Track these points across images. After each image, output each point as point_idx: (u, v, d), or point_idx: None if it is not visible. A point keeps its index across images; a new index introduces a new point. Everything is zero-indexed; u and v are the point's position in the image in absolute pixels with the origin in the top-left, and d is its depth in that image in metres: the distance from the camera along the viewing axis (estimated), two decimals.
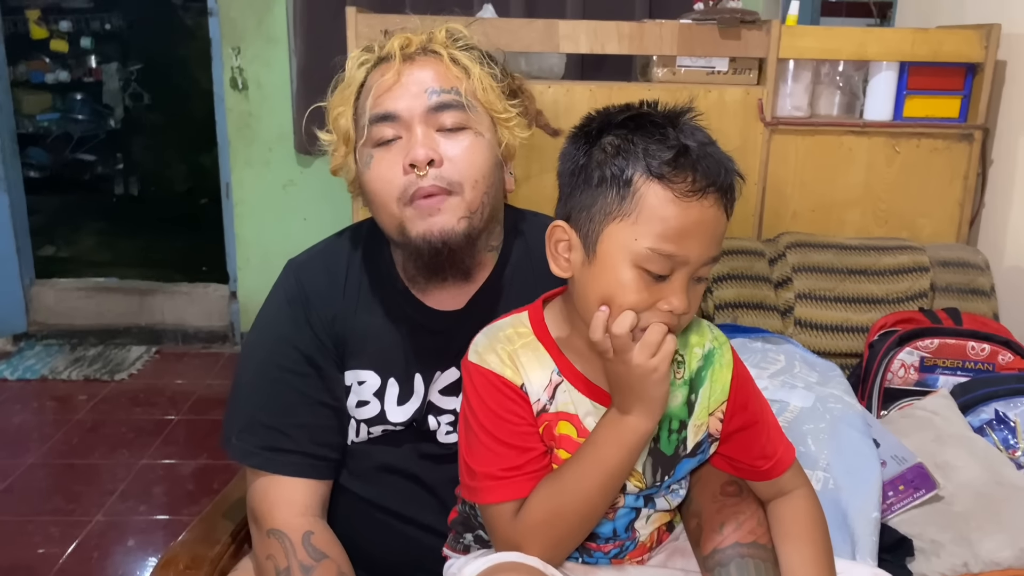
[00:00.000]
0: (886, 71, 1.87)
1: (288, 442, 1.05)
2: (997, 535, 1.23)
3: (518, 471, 0.86)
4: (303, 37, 3.00)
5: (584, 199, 0.83)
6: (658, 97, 0.90)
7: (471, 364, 0.90)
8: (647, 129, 0.81)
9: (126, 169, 5.71)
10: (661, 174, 0.78)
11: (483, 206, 1.01)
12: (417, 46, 1.03)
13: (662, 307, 0.80)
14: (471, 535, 0.99)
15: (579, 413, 0.88)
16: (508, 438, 0.86)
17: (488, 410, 0.87)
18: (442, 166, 0.98)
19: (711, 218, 0.80)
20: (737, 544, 0.91)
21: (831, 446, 1.34)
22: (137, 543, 2.18)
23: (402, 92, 1.00)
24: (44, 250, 4.13)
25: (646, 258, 0.79)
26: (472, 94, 1.02)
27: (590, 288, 0.83)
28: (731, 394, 0.92)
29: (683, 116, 0.84)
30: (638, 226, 0.79)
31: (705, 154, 0.80)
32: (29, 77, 5.13)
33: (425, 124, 0.99)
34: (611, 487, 0.86)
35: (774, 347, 1.61)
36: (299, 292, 1.08)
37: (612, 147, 0.82)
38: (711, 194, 0.79)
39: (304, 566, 1.00)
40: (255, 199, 3.33)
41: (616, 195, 0.80)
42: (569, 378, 0.88)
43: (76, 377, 3.17)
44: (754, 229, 1.91)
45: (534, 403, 0.88)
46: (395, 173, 0.99)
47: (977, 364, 1.60)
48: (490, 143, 1.03)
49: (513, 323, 0.92)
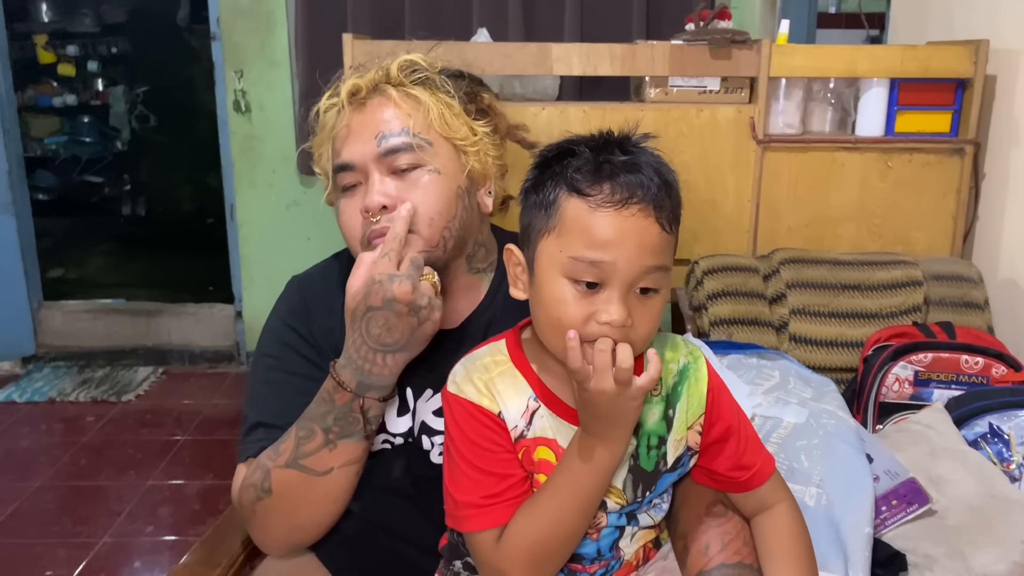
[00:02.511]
0: (877, 87, 1.89)
1: None
2: (990, 549, 1.23)
3: (498, 498, 0.88)
4: (304, 60, 3.04)
5: (525, 221, 0.88)
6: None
7: (450, 394, 0.91)
8: (580, 153, 0.85)
9: (133, 190, 5.77)
10: (578, 188, 0.82)
11: (444, 240, 1.04)
12: (367, 89, 1.06)
13: (600, 319, 0.81)
14: (460, 562, 1.01)
15: (557, 438, 0.90)
16: (488, 466, 0.88)
17: (467, 439, 0.89)
18: (396, 209, 1.01)
19: (635, 227, 0.81)
20: (723, 565, 0.92)
21: (825, 462, 1.35)
22: (144, 564, 2.20)
23: (355, 140, 1.04)
24: (53, 272, 4.17)
25: (571, 267, 0.82)
26: (426, 128, 1.04)
27: (536, 307, 0.87)
28: (708, 407, 0.94)
29: (629, 140, 0.86)
30: (561, 238, 0.83)
31: (630, 168, 0.82)
32: (37, 101, 5.21)
33: (378, 169, 1.03)
34: (587, 510, 0.88)
35: (769, 363, 1.62)
36: (301, 303, 1.13)
37: (547, 171, 0.86)
38: (633, 205, 0.81)
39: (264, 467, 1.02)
40: (259, 220, 3.37)
41: (544, 213, 0.84)
42: (546, 402, 0.90)
43: (84, 399, 3.20)
44: (749, 246, 1.93)
45: (512, 430, 0.89)
46: (356, 219, 1.04)
47: (971, 377, 1.61)
48: (449, 175, 1.05)
49: (491, 351, 0.94)
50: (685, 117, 1.86)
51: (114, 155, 5.63)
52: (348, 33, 1.84)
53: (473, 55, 1.80)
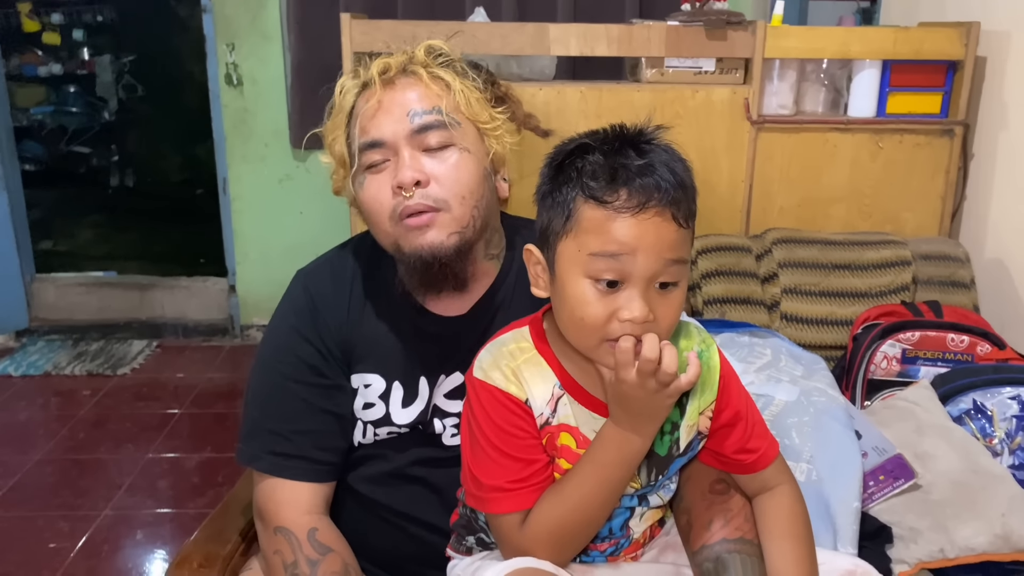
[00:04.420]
0: (869, 69, 1.91)
1: (291, 447, 1.10)
2: (973, 522, 1.27)
3: (524, 483, 0.91)
4: (297, 33, 3.03)
5: (542, 223, 0.90)
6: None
7: (476, 380, 0.94)
8: (593, 154, 0.86)
9: (121, 161, 5.73)
10: (594, 196, 0.84)
11: (473, 219, 1.06)
12: (396, 69, 1.07)
13: (622, 316, 0.84)
14: (473, 538, 1.05)
15: (579, 425, 0.93)
16: (514, 451, 0.91)
17: (494, 425, 0.91)
18: (428, 186, 1.03)
19: (652, 228, 0.83)
20: (724, 540, 0.96)
21: (815, 439, 1.40)
22: (145, 536, 2.23)
23: (385, 117, 1.05)
24: (42, 244, 4.16)
25: (591, 267, 0.84)
26: (455, 109, 1.06)
27: (559, 307, 0.89)
28: (719, 393, 0.97)
29: (642, 137, 0.88)
30: (579, 239, 0.85)
31: (644, 171, 0.84)
32: (22, 70, 5.15)
33: (410, 146, 1.04)
34: (612, 499, 0.92)
35: (761, 341, 1.66)
36: (307, 301, 1.13)
37: (563, 174, 0.88)
38: (650, 208, 0.83)
39: (310, 560, 1.05)
40: (252, 194, 3.37)
41: (561, 217, 0.86)
42: (570, 391, 0.93)
43: (79, 372, 3.22)
44: (742, 225, 1.96)
45: (537, 416, 0.92)
46: (385, 195, 1.05)
47: (956, 355, 1.65)
48: (476, 156, 1.07)
49: (515, 338, 0.96)
50: (681, 98, 1.88)
51: (101, 125, 5.59)
52: (345, 13, 1.84)
53: (471, 35, 1.81)
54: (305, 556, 1.06)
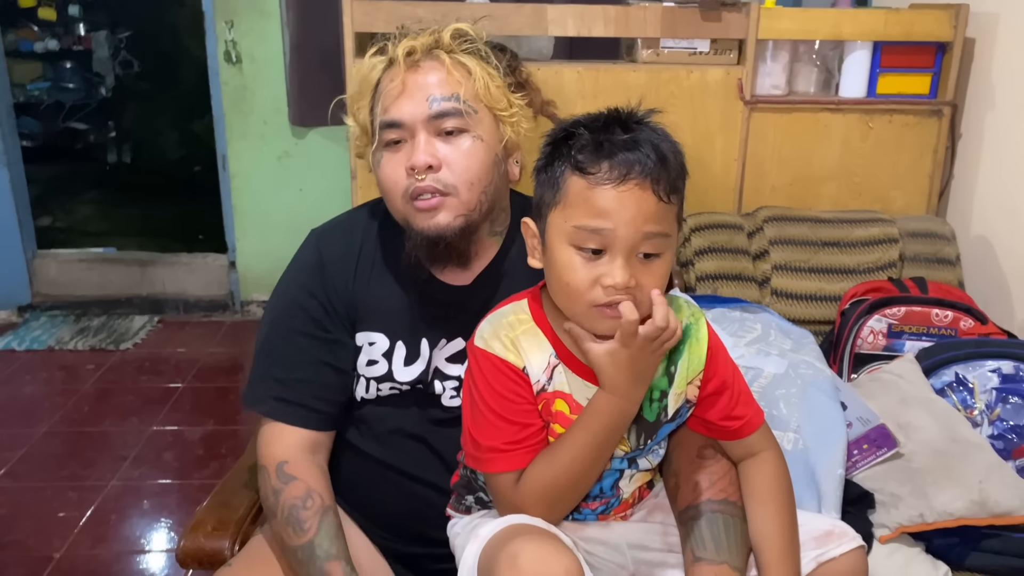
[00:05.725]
0: (860, 50, 1.95)
1: (291, 394, 1.16)
2: (951, 488, 1.33)
3: (519, 445, 0.97)
4: (296, 11, 3.03)
5: (537, 196, 0.96)
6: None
7: (477, 349, 0.99)
8: (584, 133, 0.92)
9: (119, 137, 5.72)
10: (580, 167, 0.90)
11: (480, 204, 1.11)
12: (422, 51, 1.11)
13: (605, 282, 0.89)
14: (472, 497, 1.11)
15: (572, 392, 0.99)
16: (511, 415, 0.97)
17: (493, 391, 0.97)
18: (440, 171, 1.08)
19: (633, 198, 0.89)
20: (710, 501, 1.02)
21: (801, 409, 1.45)
22: (152, 506, 2.29)
23: (406, 100, 1.09)
24: (41, 220, 4.17)
25: (576, 235, 0.90)
26: (474, 96, 1.10)
27: (549, 273, 0.96)
28: (707, 364, 1.03)
29: (632, 117, 0.94)
30: (566, 210, 0.91)
31: (628, 147, 0.89)
32: (18, 46, 5.13)
33: (426, 130, 1.09)
34: (601, 460, 0.98)
35: (751, 316, 1.71)
36: (317, 259, 1.19)
37: (556, 151, 0.94)
38: (630, 180, 0.89)
39: (275, 490, 1.12)
40: (251, 171, 3.40)
41: (552, 189, 0.93)
42: (565, 360, 0.99)
43: (82, 347, 3.26)
44: (734, 203, 2.01)
45: (534, 384, 0.98)
46: (400, 174, 1.10)
47: (940, 330, 1.71)
48: (489, 143, 1.12)
49: (514, 310, 1.01)
50: (676, 78, 1.92)
51: (98, 101, 5.58)
52: None
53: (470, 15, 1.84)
54: (271, 487, 1.13)
